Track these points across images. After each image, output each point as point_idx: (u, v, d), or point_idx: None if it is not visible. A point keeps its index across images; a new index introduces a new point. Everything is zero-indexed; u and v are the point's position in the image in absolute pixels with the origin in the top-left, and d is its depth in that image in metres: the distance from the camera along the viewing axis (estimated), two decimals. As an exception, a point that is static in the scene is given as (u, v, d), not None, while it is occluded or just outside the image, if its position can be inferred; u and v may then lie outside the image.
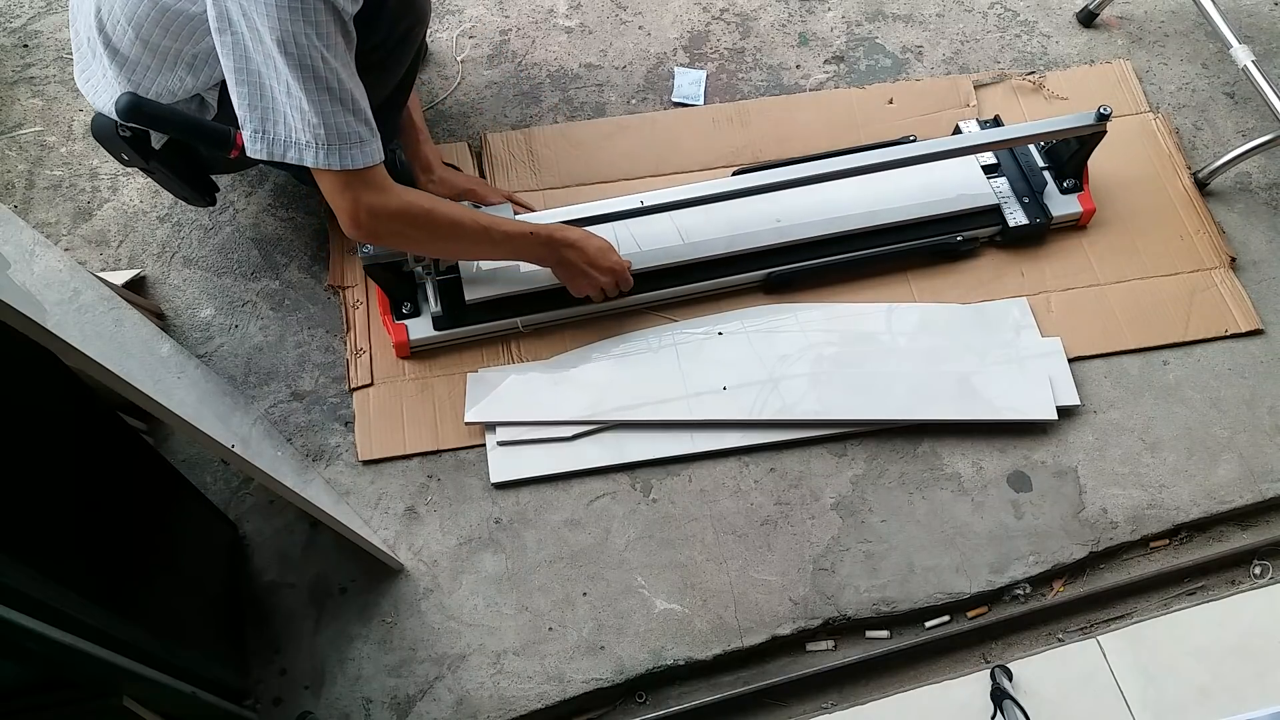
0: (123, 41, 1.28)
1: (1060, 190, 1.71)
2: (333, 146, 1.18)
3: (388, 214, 1.27)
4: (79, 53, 1.38)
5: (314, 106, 1.15)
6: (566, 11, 1.97)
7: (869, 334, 1.61)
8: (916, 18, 1.99)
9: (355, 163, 1.20)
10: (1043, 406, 1.54)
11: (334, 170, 1.20)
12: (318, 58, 1.13)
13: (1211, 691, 1.42)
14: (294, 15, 1.10)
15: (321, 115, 1.16)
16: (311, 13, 1.11)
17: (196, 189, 1.47)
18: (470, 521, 1.47)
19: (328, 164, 1.19)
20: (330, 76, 1.15)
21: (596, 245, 1.50)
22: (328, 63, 1.14)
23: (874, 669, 1.44)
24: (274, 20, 1.10)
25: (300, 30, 1.11)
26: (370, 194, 1.25)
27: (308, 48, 1.12)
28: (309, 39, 1.12)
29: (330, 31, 1.14)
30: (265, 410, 1.54)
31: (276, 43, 1.11)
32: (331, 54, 1.15)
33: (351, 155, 1.20)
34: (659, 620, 1.41)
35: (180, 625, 1.22)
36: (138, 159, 1.36)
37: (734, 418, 1.52)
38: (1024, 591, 1.47)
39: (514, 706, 1.36)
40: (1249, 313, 1.66)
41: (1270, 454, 1.56)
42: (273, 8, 1.09)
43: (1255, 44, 1.78)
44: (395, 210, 1.28)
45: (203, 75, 1.30)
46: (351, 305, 1.62)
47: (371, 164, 1.22)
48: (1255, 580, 1.53)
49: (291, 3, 1.10)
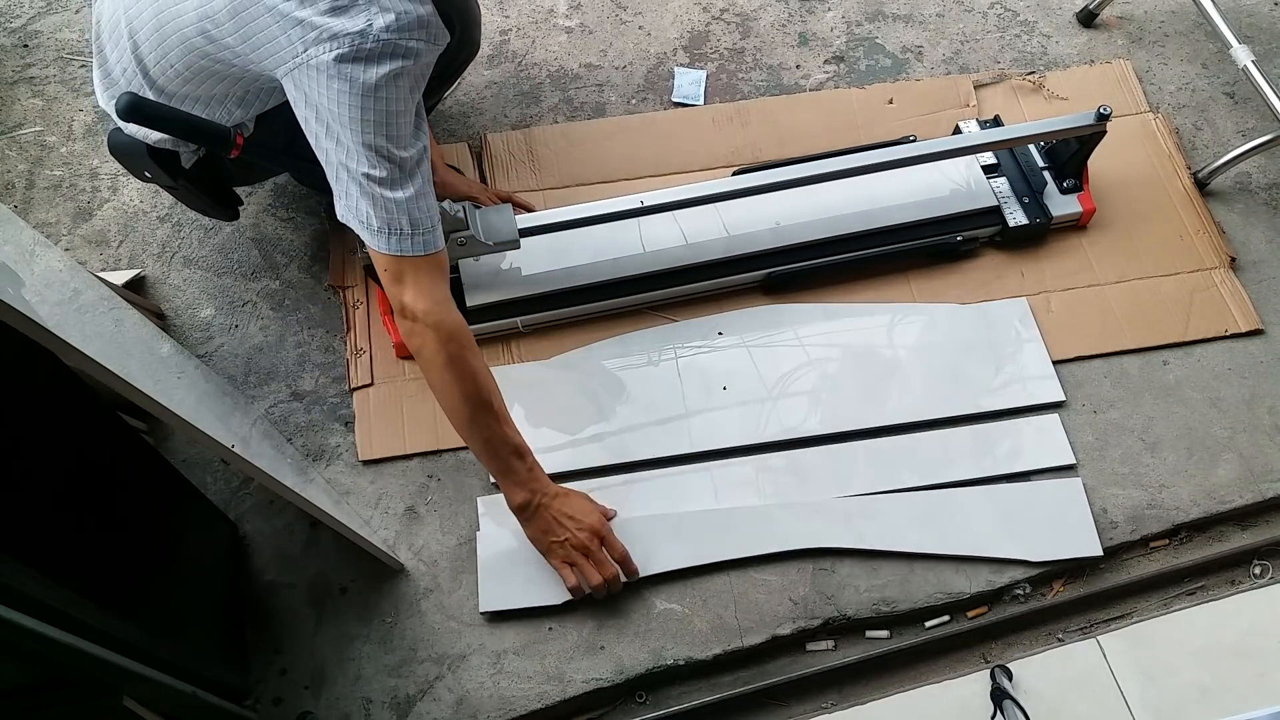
0: (171, 82, 1.27)
1: (1060, 190, 1.71)
2: (395, 236, 1.19)
3: (430, 319, 1.22)
4: (107, 78, 1.34)
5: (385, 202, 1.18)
6: (566, 11, 1.97)
7: (871, 348, 1.61)
8: (916, 18, 1.99)
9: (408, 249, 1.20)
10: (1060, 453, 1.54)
11: (388, 254, 1.20)
12: (395, 156, 1.17)
13: (1211, 691, 1.42)
14: (365, 116, 1.14)
15: (397, 209, 1.18)
16: (382, 112, 1.14)
17: (222, 204, 1.47)
18: (470, 521, 1.47)
19: (383, 248, 1.19)
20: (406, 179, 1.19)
21: (577, 503, 1.38)
22: (399, 159, 1.18)
23: (874, 669, 1.44)
24: (350, 123, 1.14)
25: (371, 131, 1.15)
26: (416, 291, 1.22)
27: (383, 149, 1.16)
28: (380, 136, 1.15)
29: (401, 121, 1.17)
30: (265, 410, 1.54)
31: (350, 142, 1.15)
32: (398, 146, 1.17)
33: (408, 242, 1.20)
34: (659, 620, 1.41)
35: (180, 625, 1.22)
36: (164, 177, 1.35)
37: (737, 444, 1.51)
38: (1024, 591, 1.47)
39: (514, 706, 1.36)
40: (1249, 313, 1.66)
41: (1270, 454, 1.56)
42: (346, 111, 1.14)
43: (1255, 44, 1.78)
44: (454, 327, 1.24)
45: (253, 109, 1.30)
46: (351, 305, 1.62)
47: (423, 253, 1.21)
48: (1255, 580, 1.53)
49: (365, 104, 1.13)
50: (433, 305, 1.22)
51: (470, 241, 1.47)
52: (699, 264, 1.62)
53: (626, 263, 1.60)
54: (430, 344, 1.23)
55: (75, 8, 1.93)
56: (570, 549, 1.35)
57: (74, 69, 1.85)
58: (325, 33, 1.12)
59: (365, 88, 1.12)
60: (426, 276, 1.23)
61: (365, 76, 1.12)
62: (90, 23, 1.89)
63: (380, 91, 1.13)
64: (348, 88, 1.12)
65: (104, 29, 1.33)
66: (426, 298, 1.22)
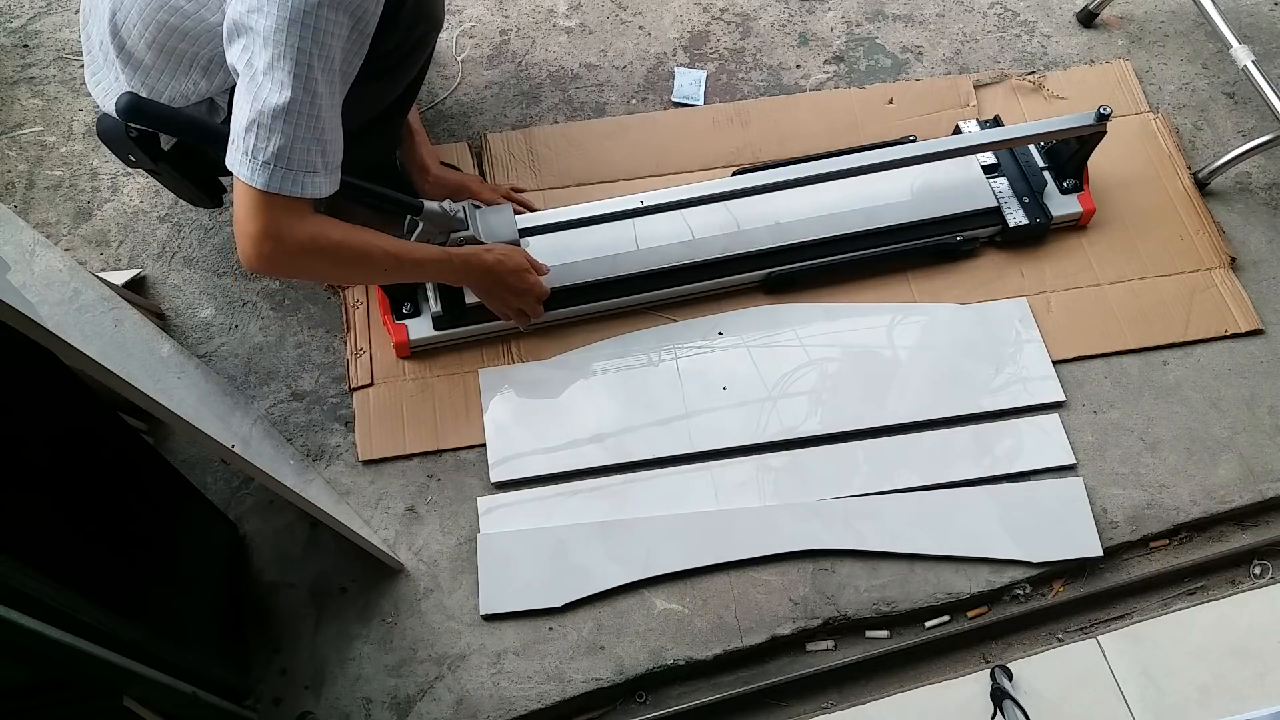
0: (138, 46, 1.28)
1: (1060, 190, 1.71)
2: (276, 167, 1.12)
3: (295, 243, 1.17)
4: (90, 57, 1.37)
5: (282, 130, 1.11)
6: (566, 11, 1.97)
7: (871, 348, 1.61)
8: (916, 18, 1.99)
9: (287, 188, 1.13)
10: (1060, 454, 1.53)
11: (257, 188, 1.12)
12: (315, 81, 1.11)
13: (1211, 691, 1.42)
14: (304, 33, 1.08)
15: (285, 136, 1.11)
16: (323, 33, 1.09)
17: (205, 190, 1.47)
18: (470, 521, 1.47)
19: (252, 180, 1.12)
20: (318, 105, 1.12)
21: (511, 266, 1.45)
22: (317, 94, 1.12)
23: (874, 669, 1.44)
24: (283, 37, 1.08)
25: (307, 49, 1.09)
26: (286, 219, 1.16)
27: (307, 71, 1.10)
28: (312, 59, 1.10)
29: (333, 54, 1.12)
30: (265, 410, 1.54)
31: (280, 58, 1.09)
32: (326, 80, 1.12)
33: (290, 181, 1.13)
34: (659, 620, 1.41)
35: (180, 625, 1.22)
36: (146, 160, 1.35)
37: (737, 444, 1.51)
38: (1024, 591, 1.47)
39: (514, 706, 1.36)
40: (1249, 313, 1.66)
41: (1270, 454, 1.56)
42: (285, 22, 1.07)
43: (1255, 44, 1.78)
44: (304, 239, 1.18)
45: (216, 79, 1.29)
46: (351, 305, 1.62)
47: (306, 195, 1.16)
48: (1255, 580, 1.53)
49: (305, 18, 1.08)
50: (304, 225, 1.17)
51: (470, 242, 1.47)
52: (699, 264, 1.62)
53: (626, 263, 1.60)
54: (317, 260, 1.21)
55: (75, 8, 1.92)
56: (512, 301, 1.49)
57: (74, 69, 1.85)
58: None
59: (296, 8, 1.07)
60: (288, 217, 1.16)
61: None
62: (90, 23, 1.90)
63: (315, 13, 1.08)
64: (278, 5, 1.08)
65: (85, 7, 1.35)
66: (303, 224, 1.17)
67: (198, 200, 1.50)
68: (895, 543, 1.45)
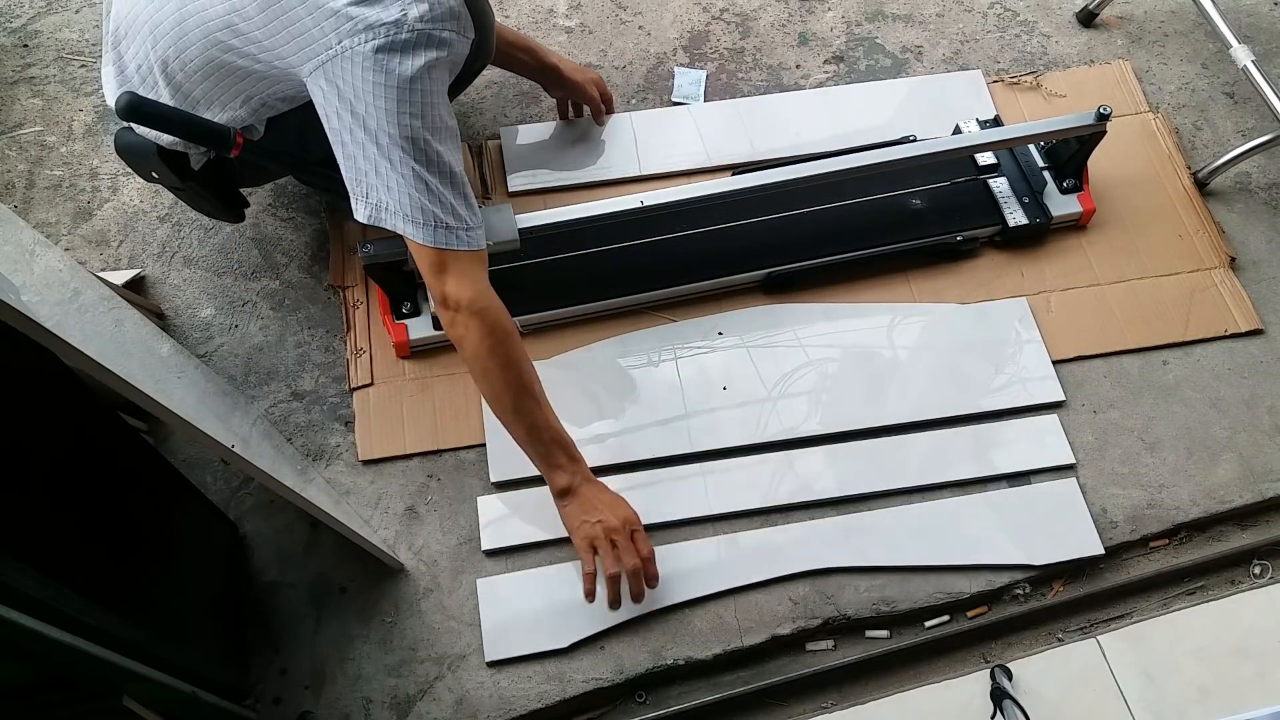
0: (191, 78, 1.27)
1: (1060, 190, 1.71)
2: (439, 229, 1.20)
3: (475, 307, 1.23)
4: (119, 76, 1.34)
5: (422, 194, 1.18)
6: (566, 11, 1.97)
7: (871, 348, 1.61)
8: (916, 18, 1.99)
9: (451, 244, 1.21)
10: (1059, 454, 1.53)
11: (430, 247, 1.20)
12: (431, 148, 1.17)
13: (1211, 691, 1.42)
14: (402, 109, 1.13)
15: (428, 200, 1.18)
16: (419, 104, 1.14)
17: (229, 205, 1.47)
18: (470, 521, 1.47)
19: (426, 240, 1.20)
20: (440, 163, 1.19)
21: (617, 496, 1.37)
22: (436, 153, 1.18)
23: (874, 669, 1.44)
24: (387, 115, 1.14)
25: (409, 123, 1.14)
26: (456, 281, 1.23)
27: (421, 140, 1.16)
28: (418, 129, 1.15)
29: (437, 113, 1.17)
30: (265, 410, 1.54)
31: (387, 135, 1.14)
32: (436, 139, 1.17)
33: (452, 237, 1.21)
34: (659, 620, 1.41)
35: (180, 625, 1.22)
36: (172, 178, 1.35)
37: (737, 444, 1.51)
38: (1024, 591, 1.47)
39: (514, 706, 1.36)
40: (1249, 312, 1.66)
41: (1270, 454, 1.56)
42: (384, 103, 1.13)
43: (1255, 44, 1.78)
44: (481, 309, 1.24)
45: (260, 111, 1.30)
46: (351, 305, 1.62)
47: (467, 249, 1.22)
48: (1255, 580, 1.53)
49: (401, 95, 1.12)
50: (476, 294, 1.23)
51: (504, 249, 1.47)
52: (699, 264, 1.62)
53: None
54: (474, 333, 1.24)
55: (75, 8, 1.93)
56: (600, 530, 1.31)
57: (74, 69, 1.85)
58: (361, 23, 1.12)
59: (403, 79, 1.12)
60: (470, 267, 1.23)
61: (402, 68, 1.12)
62: (90, 22, 1.90)
63: (417, 84, 1.13)
64: (384, 79, 1.12)
65: (121, 27, 1.32)
66: (470, 287, 1.23)
67: (222, 215, 1.50)
68: (897, 556, 1.44)
